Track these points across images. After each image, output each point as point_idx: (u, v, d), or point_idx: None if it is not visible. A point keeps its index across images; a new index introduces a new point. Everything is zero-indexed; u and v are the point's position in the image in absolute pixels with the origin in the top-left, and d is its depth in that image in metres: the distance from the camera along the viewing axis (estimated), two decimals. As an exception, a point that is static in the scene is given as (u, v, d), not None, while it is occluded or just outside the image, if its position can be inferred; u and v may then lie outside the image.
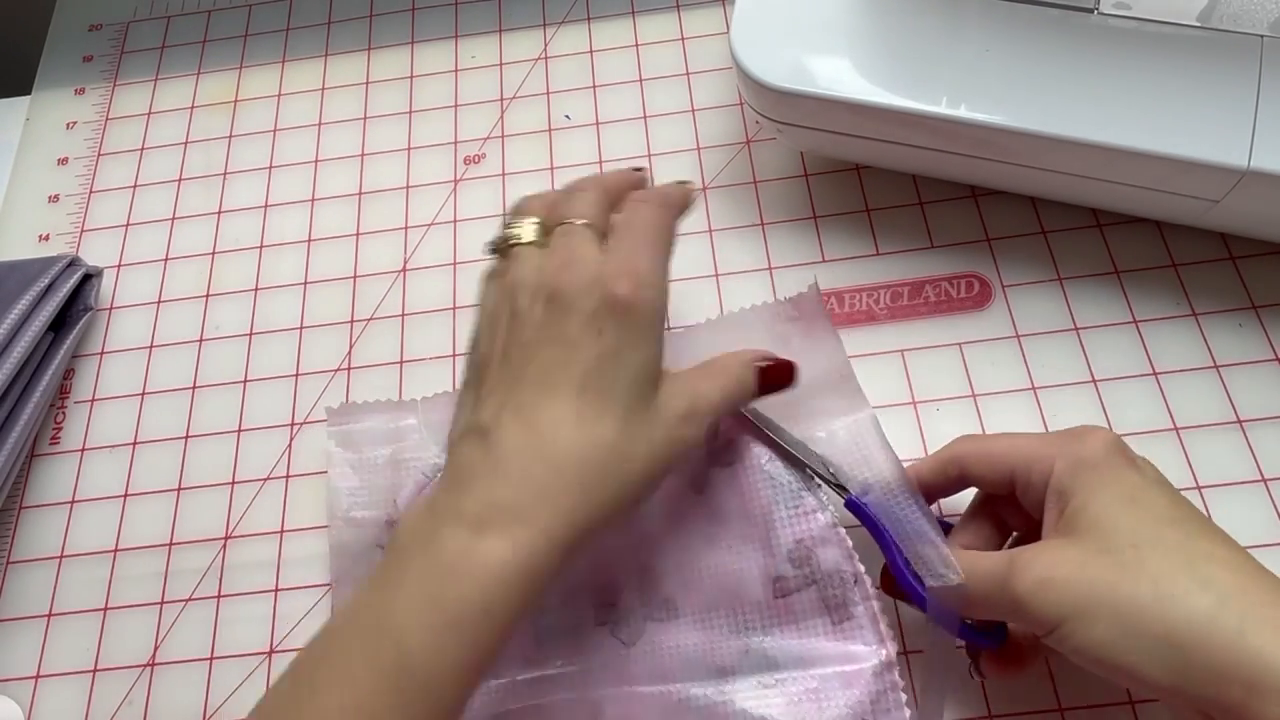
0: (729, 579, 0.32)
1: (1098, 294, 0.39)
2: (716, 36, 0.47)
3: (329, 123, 0.47)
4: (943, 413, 0.37)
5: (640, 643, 0.32)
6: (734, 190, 0.43)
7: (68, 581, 0.38)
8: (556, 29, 0.49)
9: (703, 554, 0.33)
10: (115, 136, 0.48)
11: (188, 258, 0.45)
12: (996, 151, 0.36)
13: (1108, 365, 0.37)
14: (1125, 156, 0.34)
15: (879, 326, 0.39)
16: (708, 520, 0.33)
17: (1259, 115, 0.34)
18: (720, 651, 0.32)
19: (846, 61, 0.37)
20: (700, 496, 0.34)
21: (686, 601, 0.33)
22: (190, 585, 0.37)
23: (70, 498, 0.39)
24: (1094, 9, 0.36)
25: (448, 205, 0.44)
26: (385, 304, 0.42)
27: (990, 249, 0.40)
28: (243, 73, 0.49)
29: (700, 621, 0.32)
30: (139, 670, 0.36)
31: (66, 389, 0.42)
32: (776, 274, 0.41)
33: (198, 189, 0.46)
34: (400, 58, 0.49)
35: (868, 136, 0.38)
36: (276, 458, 0.39)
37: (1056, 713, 0.32)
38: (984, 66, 0.36)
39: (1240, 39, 0.35)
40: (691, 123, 0.45)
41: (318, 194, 0.45)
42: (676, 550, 0.33)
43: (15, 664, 0.37)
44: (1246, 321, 0.38)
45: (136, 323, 0.43)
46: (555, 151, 0.45)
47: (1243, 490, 0.35)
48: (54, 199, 0.47)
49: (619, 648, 0.33)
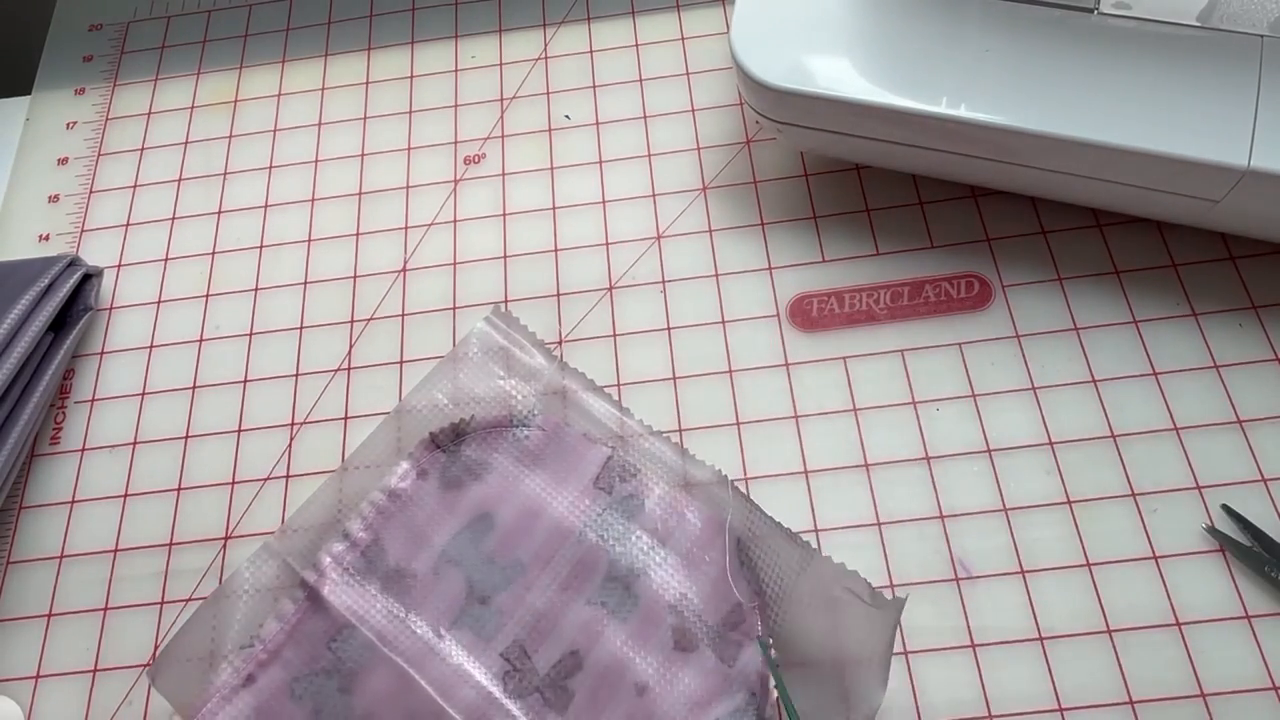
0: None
1: (1098, 294, 0.39)
2: (716, 36, 0.47)
3: (329, 123, 0.47)
4: (943, 413, 0.37)
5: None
6: (734, 190, 0.43)
7: (68, 581, 0.38)
8: (556, 29, 0.49)
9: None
10: (115, 136, 0.48)
11: (188, 258, 0.45)
12: (996, 151, 0.36)
13: (1108, 365, 0.37)
14: (1125, 156, 0.34)
15: (879, 326, 0.39)
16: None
17: (1259, 115, 0.34)
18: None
19: (846, 61, 0.37)
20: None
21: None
22: (190, 585, 0.37)
23: (70, 498, 0.39)
24: (1094, 9, 0.36)
25: (448, 205, 0.44)
26: (385, 304, 0.42)
27: (990, 249, 0.40)
28: (243, 73, 0.49)
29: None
30: (139, 670, 0.36)
31: (66, 389, 0.42)
32: (776, 274, 0.41)
33: (198, 189, 0.46)
34: (400, 58, 0.49)
35: (868, 136, 0.38)
36: (276, 458, 0.39)
37: (1056, 713, 0.32)
38: (984, 66, 0.36)
39: (1240, 39, 0.35)
40: (691, 123, 0.45)
41: (318, 194, 0.45)
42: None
43: (15, 664, 0.37)
44: (1246, 321, 0.38)
45: (136, 323, 0.43)
46: (555, 151, 0.45)
47: (1243, 490, 0.35)
48: (54, 199, 0.47)
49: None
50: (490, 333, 0.40)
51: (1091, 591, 0.34)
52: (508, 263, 0.42)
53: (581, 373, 0.39)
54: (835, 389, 0.38)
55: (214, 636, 0.34)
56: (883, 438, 0.37)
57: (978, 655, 0.33)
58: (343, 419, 0.40)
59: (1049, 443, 0.36)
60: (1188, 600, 0.33)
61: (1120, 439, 0.36)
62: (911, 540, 0.35)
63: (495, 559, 0.35)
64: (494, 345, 0.39)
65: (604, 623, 0.33)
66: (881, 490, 0.36)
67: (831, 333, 0.39)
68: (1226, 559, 0.34)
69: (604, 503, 0.36)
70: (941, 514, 0.35)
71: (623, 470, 0.36)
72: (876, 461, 0.37)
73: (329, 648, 0.34)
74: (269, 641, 0.34)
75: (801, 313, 0.40)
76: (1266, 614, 0.33)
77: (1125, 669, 0.33)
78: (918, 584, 0.34)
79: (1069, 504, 0.35)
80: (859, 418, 0.38)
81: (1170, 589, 0.34)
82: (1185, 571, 0.34)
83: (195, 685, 0.34)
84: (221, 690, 0.33)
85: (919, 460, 0.36)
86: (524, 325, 0.40)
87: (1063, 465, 0.36)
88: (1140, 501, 0.35)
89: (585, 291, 0.41)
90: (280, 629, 0.34)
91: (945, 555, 0.35)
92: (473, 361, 0.39)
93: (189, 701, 0.33)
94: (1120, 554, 0.34)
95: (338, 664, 0.34)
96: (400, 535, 0.36)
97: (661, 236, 0.42)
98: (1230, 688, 0.32)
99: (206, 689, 0.33)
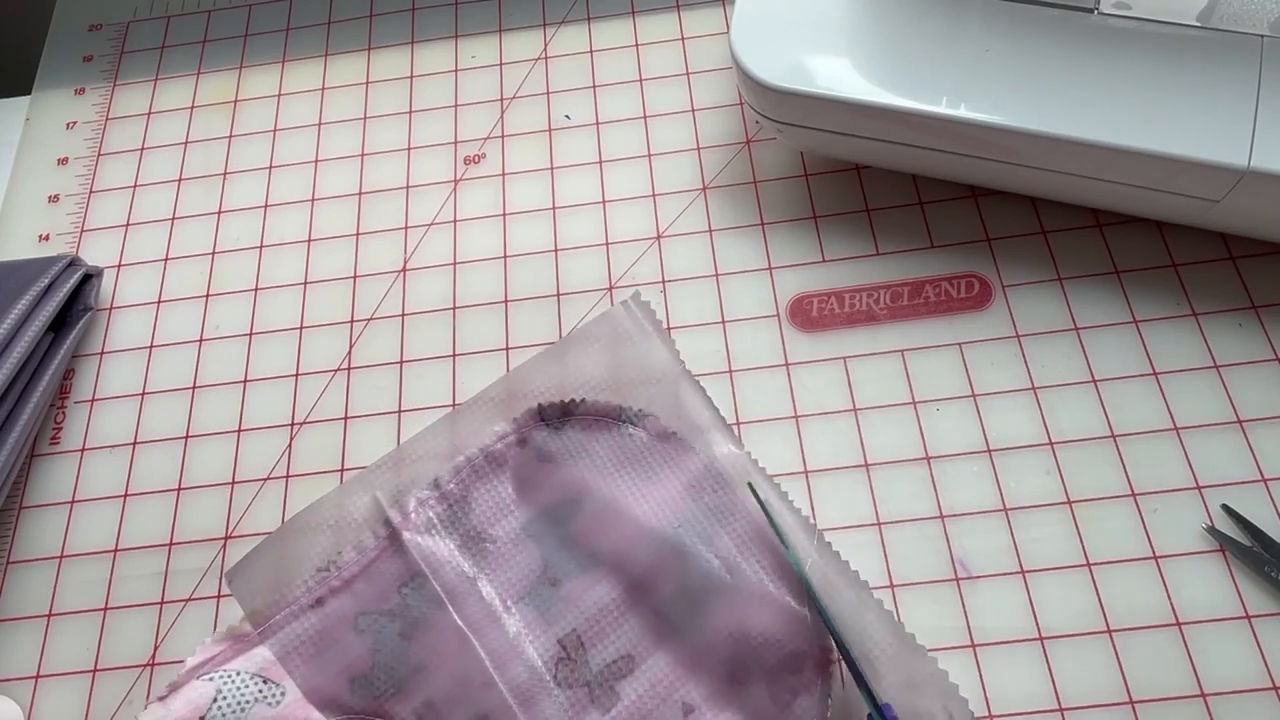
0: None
1: (1098, 294, 0.39)
2: (716, 36, 0.47)
3: (329, 123, 0.47)
4: (943, 413, 0.37)
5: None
6: (734, 190, 0.43)
7: (68, 581, 0.38)
8: (556, 29, 0.49)
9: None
10: (115, 136, 0.48)
11: (188, 258, 0.45)
12: (996, 151, 0.36)
13: (1108, 365, 0.37)
14: (1125, 156, 0.34)
15: (879, 326, 0.39)
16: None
17: (1259, 115, 0.34)
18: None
19: (846, 61, 0.37)
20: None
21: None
22: (190, 585, 0.37)
23: (70, 498, 0.39)
24: (1094, 9, 0.36)
25: (448, 205, 0.44)
26: (385, 304, 0.42)
27: (990, 249, 0.40)
28: (243, 73, 0.49)
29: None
30: (139, 670, 0.36)
31: (66, 389, 0.42)
32: (776, 274, 0.41)
33: (198, 189, 0.46)
34: (400, 58, 0.49)
35: (868, 136, 0.38)
36: (276, 458, 0.39)
37: (1056, 713, 0.32)
38: (984, 66, 0.36)
39: (1240, 39, 0.35)
40: (691, 123, 0.45)
41: (318, 194, 0.45)
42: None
43: (15, 664, 0.37)
44: (1246, 321, 0.38)
45: (136, 323, 0.43)
46: (555, 151, 0.45)
47: (1243, 490, 0.35)
48: (54, 199, 0.47)
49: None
50: (623, 318, 0.38)
51: (1091, 591, 0.34)
52: (508, 263, 0.42)
53: (702, 387, 0.37)
54: (835, 389, 0.38)
55: (294, 554, 0.35)
56: (883, 438, 0.37)
57: (978, 655, 0.33)
58: (343, 419, 0.40)
59: (1049, 443, 0.36)
60: (1188, 600, 0.33)
61: (1120, 439, 0.36)
62: (911, 540, 0.35)
63: (575, 544, 0.35)
64: (623, 331, 0.38)
65: (666, 635, 0.33)
66: (881, 490, 0.36)
67: (831, 333, 0.39)
68: (1226, 559, 0.34)
69: (691, 511, 0.35)
70: (941, 514, 0.35)
71: (716, 482, 0.35)
72: (876, 461, 0.37)
73: (399, 591, 0.34)
74: (345, 570, 0.35)
75: (801, 313, 0.40)
76: (1266, 614, 0.33)
77: (1125, 669, 0.33)
78: (918, 584, 0.34)
79: (1069, 504, 0.35)
80: (859, 418, 0.38)
81: (1170, 589, 0.34)
82: (1185, 571, 0.34)
83: (267, 595, 0.35)
84: (291, 605, 0.34)
85: (919, 460, 0.36)
86: (659, 320, 0.39)
87: (1063, 465, 0.36)
88: (1140, 501, 0.35)
89: (585, 291, 0.41)
90: (357, 561, 0.35)
91: (945, 555, 0.35)
92: (599, 344, 0.37)
93: (259, 609, 0.35)
94: (1120, 554, 0.34)
95: (404, 609, 0.34)
96: (487, 497, 0.36)
97: (661, 236, 0.42)
98: (1230, 688, 0.32)
99: (277, 601, 0.35)
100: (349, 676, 0.33)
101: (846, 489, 0.36)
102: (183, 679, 0.33)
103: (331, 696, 0.33)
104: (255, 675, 0.33)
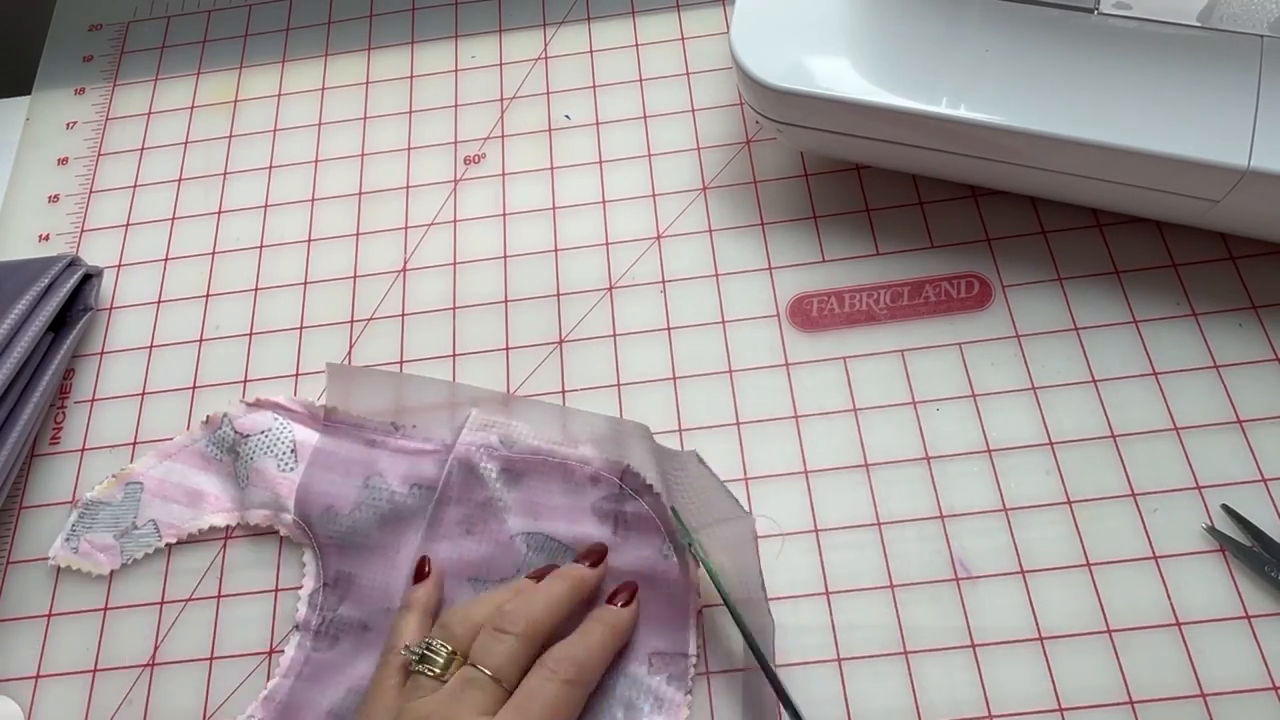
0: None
1: (1098, 294, 0.39)
2: (716, 36, 0.47)
3: (329, 123, 0.47)
4: (943, 413, 0.37)
5: None
6: (734, 190, 0.43)
7: (68, 581, 0.38)
8: (556, 29, 0.49)
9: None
10: (115, 136, 0.48)
11: (188, 258, 0.45)
12: (996, 151, 0.36)
13: (1108, 365, 0.37)
14: (1125, 156, 0.34)
15: (879, 326, 0.39)
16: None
17: (1259, 115, 0.34)
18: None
19: (846, 61, 0.37)
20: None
21: None
22: (190, 585, 0.37)
23: (70, 498, 0.39)
24: (1094, 9, 0.36)
25: (448, 205, 0.44)
26: (385, 304, 0.42)
27: (990, 249, 0.40)
28: (243, 73, 0.49)
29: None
30: (139, 670, 0.36)
31: (66, 389, 0.42)
32: (776, 274, 0.41)
33: (198, 189, 0.46)
34: (400, 58, 0.49)
35: (868, 136, 0.38)
36: (276, 458, 0.39)
37: (1056, 713, 0.32)
38: (984, 66, 0.36)
39: (1240, 39, 0.35)
40: (691, 123, 0.45)
41: (318, 194, 0.45)
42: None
43: (15, 664, 0.37)
44: (1246, 321, 0.38)
45: (136, 323, 0.43)
46: (555, 151, 0.45)
47: (1243, 490, 0.35)
48: (54, 199, 0.47)
49: None
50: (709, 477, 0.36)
51: (1091, 591, 0.34)
52: (508, 263, 0.42)
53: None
54: (835, 389, 0.38)
55: (391, 396, 0.39)
56: (883, 438, 0.37)
57: (978, 655, 0.33)
58: (343, 419, 0.40)
59: (1049, 443, 0.36)
60: (1188, 600, 0.33)
61: (1120, 439, 0.36)
62: (911, 540, 0.35)
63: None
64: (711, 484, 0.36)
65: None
66: (881, 490, 0.36)
67: (831, 333, 0.39)
68: (1226, 559, 0.34)
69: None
70: (941, 514, 0.35)
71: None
72: (876, 461, 0.37)
73: (411, 489, 0.37)
74: (403, 440, 0.38)
75: (801, 313, 0.40)
76: (1266, 614, 0.33)
77: (1125, 669, 0.33)
78: (918, 584, 0.34)
79: (1069, 504, 0.35)
80: (859, 418, 0.38)
81: (1170, 589, 0.34)
82: (1185, 571, 0.34)
83: (348, 403, 0.39)
84: (354, 427, 0.39)
85: (919, 460, 0.36)
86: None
87: (1063, 465, 0.36)
88: (1140, 501, 0.35)
89: (585, 291, 0.41)
90: (413, 442, 0.38)
91: (945, 555, 0.35)
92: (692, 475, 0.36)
93: (335, 409, 0.39)
94: (1120, 554, 0.34)
95: (399, 502, 0.37)
96: (527, 494, 0.37)
97: (661, 236, 0.42)
98: (1230, 688, 0.32)
99: (350, 415, 0.39)
100: (327, 504, 0.37)
101: (846, 489, 0.36)
102: (266, 403, 0.40)
103: (307, 503, 0.37)
104: (293, 443, 0.38)
